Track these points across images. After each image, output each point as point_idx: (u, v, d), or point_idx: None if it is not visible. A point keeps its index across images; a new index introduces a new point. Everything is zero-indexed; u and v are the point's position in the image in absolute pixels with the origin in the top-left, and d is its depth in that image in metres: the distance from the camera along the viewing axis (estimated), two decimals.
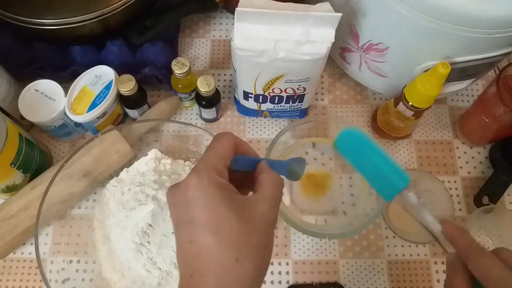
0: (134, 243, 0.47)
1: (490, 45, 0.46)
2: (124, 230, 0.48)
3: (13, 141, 0.48)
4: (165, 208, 0.49)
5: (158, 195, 0.49)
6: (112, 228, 0.50)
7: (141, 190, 0.50)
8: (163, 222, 0.48)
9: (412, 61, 0.50)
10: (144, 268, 0.47)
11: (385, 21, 0.48)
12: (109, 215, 0.51)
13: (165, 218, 0.48)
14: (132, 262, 0.48)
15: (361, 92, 0.64)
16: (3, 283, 0.52)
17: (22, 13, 0.52)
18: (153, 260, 0.47)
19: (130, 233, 0.48)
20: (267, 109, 0.59)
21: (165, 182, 0.52)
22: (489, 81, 0.54)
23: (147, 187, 0.51)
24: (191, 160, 0.57)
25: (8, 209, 0.50)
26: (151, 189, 0.50)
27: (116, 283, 0.49)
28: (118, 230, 0.49)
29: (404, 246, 0.55)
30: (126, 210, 0.49)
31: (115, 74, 0.54)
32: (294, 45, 0.45)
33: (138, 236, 0.47)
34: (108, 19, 0.54)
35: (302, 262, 0.54)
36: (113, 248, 0.49)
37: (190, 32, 0.68)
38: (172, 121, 0.60)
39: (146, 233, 0.47)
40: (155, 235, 0.47)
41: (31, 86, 0.54)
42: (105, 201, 0.52)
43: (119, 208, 0.50)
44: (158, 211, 0.48)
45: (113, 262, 0.49)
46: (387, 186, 0.37)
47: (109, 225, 0.50)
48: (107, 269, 0.49)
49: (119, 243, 0.49)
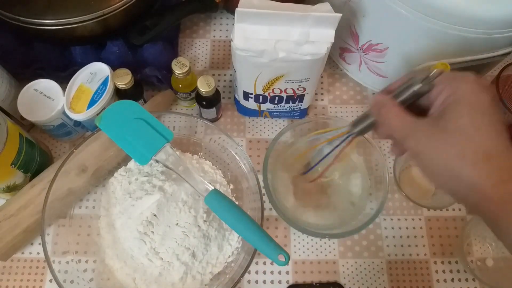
0: (138, 232, 0.47)
1: (490, 45, 0.46)
2: (129, 218, 0.49)
3: (13, 141, 0.48)
4: (170, 199, 0.49)
5: (165, 186, 0.50)
6: (118, 216, 0.50)
7: (148, 181, 0.51)
8: (168, 213, 0.48)
9: (412, 61, 0.50)
10: (146, 257, 0.48)
11: (384, 21, 0.48)
12: (115, 203, 0.51)
13: (170, 209, 0.48)
14: (135, 250, 0.48)
15: (361, 92, 0.64)
16: (3, 283, 0.52)
17: (22, 13, 0.52)
18: (155, 250, 0.48)
19: (134, 222, 0.48)
20: (267, 109, 0.59)
21: (172, 173, 0.52)
22: (488, 81, 0.55)
23: (154, 177, 0.51)
24: (198, 154, 0.57)
25: (8, 208, 0.50)
26: (158, 179, 0.50)
27: (118, 271, 0.49)
28: (123, 218, 0.50)
29: (404, 246, 0.55)
30: (132, 199, 0.50)
31: (110, 69, 0.55)
32: (294, 46, 0.45)
33: (143, 226, 0.47)
34: (109, 19, 0.54)
35: (302, 262, 0.54)
36: (117, 235, 0.50)
37: (190, 32, 0.69)
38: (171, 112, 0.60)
39: (150, 222, 0.48)
40: (159, 225, 0.48)
41: (30, 85, 0.54)
42: (112, 190, 0.53)
43: (126, 197, 0.51)
44: (164, 202, 0.48)
45: (117, 249, 0.50)
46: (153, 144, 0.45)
47: (115, 213, 0.51)
48: (109, 256, 0.50)
49: (124, 231, 0.49)
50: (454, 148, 0.30)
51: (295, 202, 0.54)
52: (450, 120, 0.30)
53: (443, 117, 0.31)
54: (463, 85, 0.31)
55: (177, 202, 0.49)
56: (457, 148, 0.29)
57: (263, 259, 0.54)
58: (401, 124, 0.33)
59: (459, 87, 0.31)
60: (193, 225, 0.48)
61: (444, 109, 0.31)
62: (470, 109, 0.30)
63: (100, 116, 0.45)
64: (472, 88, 0.31)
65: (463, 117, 0.30)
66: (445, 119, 0.31)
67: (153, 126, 0.46)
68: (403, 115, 0.33)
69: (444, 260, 0.54)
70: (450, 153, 0.30)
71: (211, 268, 0.50)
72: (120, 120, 0.45)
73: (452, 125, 0.30)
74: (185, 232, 0.48)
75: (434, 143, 0.31)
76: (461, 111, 0.30)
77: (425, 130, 0.31)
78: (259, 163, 0.59)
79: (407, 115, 0.33)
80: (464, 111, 0.30)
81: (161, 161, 0.46)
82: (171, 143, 0.46)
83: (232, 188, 0.55)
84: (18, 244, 0.51)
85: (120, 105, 0.47)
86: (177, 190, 0.49)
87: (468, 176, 0.29)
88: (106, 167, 0.54)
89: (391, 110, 0.34)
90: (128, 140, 0.45)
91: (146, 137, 0.45)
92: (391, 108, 0.34)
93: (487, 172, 0.29)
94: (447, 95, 0.32)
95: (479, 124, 0.29)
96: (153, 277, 0.48)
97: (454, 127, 0.30)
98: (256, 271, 0.53)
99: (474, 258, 0.54)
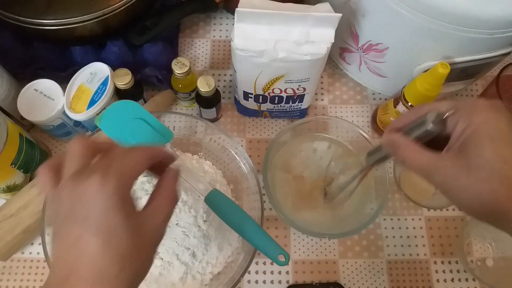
0: None
1: (490, 45, 0.46)
2: None
3: (13, 141, 0.48)
4: None
5: None
6: None
7: (148, 181, 0.50)
8: None
9: (412, 62, 0.50)
10: None
11: (384, 21, 0.48)
12: None
13: None
14: None
15: (361, 92, 0.64)
16: (3, 283, 0.52)
17: (22, 13, 0.52)
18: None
19: None
20: (267, 109, 0.59)
21: None
22: (488, 81, 0.55)
23: (154, 178, 0.51)
24: (198, 154, 0.57)
25: (8, 208, 0.50)
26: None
27: None
28: None
29: (404, 246, 0.55)
30: (132, 199, 0.49)
31: (110, 69, 0.55)
32: (294, 46, 0.45)
33: None
34: (109, 19, 0.54)
35: (302, 262, 0.54)
36: None
37: (190, 32, 0.69)
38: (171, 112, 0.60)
39: None
40: None
41: (30, 85, 0.54)
42: None
43: None
44: None
45: None
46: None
47: None
48: None
49: None
50: (486, 185, 0.29)
51: (295, 202, 0.54)
52: (474, 156, 0.29)
53: (466, 152, 0.30)
54: (476, 117, 0.30)
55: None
56: (489, 185, 0.29)
57: (263, 259, 0.54)
58: (422, 162, 0.32)
59: (473, 119, 0.30)
60: (193, 225, 0.48)
61: (463, 143, 0.30)
62: (491, 142, 0.29)
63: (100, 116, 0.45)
64: (486, 118, 0.29)
65: (486, 150, 0.29)
66: (468, 155, 0.30)
67: (153, 126, 0.45)
68: (422, 152, 0.32)
69: (444, 260, 0.54)
70: (482, 190, 0.29)
71: (211, 268, 0.50)
72: (120, 120, 0.45)
73: (477, 161, 0.29)
74: (185, 232, 0.48)
75: (463, 181, 0.30)
76: (482, 145, 0.29)
77: (450, 167, 0.30)
78: (259, 163, 0.59)
79: (426, 151, 0.32)
80: (485, 144, 0.29)
81: None
82: (171, 143, 0.46)
83: (232, 188, 0.55)
84: (18, 244, 0.51)
85: (120, 105, 0.47)
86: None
87: (503, 210, 0.28)
88: None
89: (408, 149, 0.33)
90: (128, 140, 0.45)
91: (146, 137, 0.45)
92: (407, 147, 0.33)
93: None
94: (463, 127, 0.30)
95: (505, 156, 0.28)
96: (153, 277, 0.48)
97: (481, 163, 0.29)
98: (256, 271, 0.53)
99: (474, 258, 0.54)
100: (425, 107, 0.33)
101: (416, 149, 0.33)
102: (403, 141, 0.34)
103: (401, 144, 0.34)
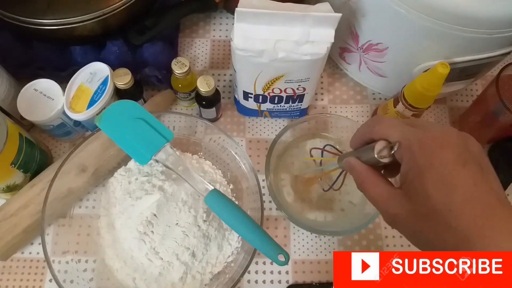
0: (138, 232, 0.47)
1: (490, 45, 0.46)
2: (129, 218, 0.49)
3: (13, 141, 0.48)
4: (170, 199, 0.49)
5: (165, 186, 0.50)
6: (117, 216, 0.50)
7: (148, 180, 0.51)
8: (168, 212, 0.48)
9: (412, 61, 0.50)
10: (146, 257, 0.48)
11: (384, 21, 0.48)
12: (115, 203, 0.51)
13: (170, 209, 0.48)
14: (135, 250, 0.48)
15: (361, 92, 0.64)
16: (3, 283, 0.52)
17: (22, 13, 0.52)
18: (155, 250, 0.48)
19: (134, 222, 0.48)
20: (267, 109, 0.59)
21: (171, 173, 0.52)
22: (488, 81, 0.55)
23: (154, 177, 0.51)
24: (198, 154, 0.57)
25: (8, 208, 0.50)
26: (158, 179, 0.50)
27: (118, 270, 0.49)
28: (123, 218, 0.50)
29: (404, 246, 0.55)
30: (132, 199, 0.50)
31: (110, 69, 0.55)
32: (293, 45, 0.45)
33: (142, 225, 0.47)
34: (108, 19, 0.54)
35: (302, 262, 0.54)
36: (117, 236, 0.50)
37: (190, 32, 0.68)
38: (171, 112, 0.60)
39: (150, 222, 0.48)
40: (159, 225, 0.48)
41: (30, 85, 0.54)
42: (112, 189, 0.53)
43: (125, 197, 0.51)
44: (164, 202, 0.48)
45: (116, 249, 0.50)
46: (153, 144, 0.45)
47: (115, 213, 0.51)
48: (109, 255, 0.50)
49: (123, 231, 0.49)
50: (432, 234, 0.29)
51: (296, 202, 0.54)
52: (420, 205, 0.29)
53: (412, 197, 0.30)
54: (420, 159, 0.29)
55: (177, 202, 0.49)
56: (436, 235, 0.29)
57: (263, 259, 0.54)
58: (374, 195, 0.33)
59: (417, 162, 0.29)
60: (193, 225, 0.48)
61: (409, 187, 0.30)
62: (436, 190, 0.28)
63: (100, 116, 0.46)
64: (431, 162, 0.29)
65: (431, 199, 0.28)
66: (414, 201, 0.30)
67: (153, 126, 0.46)
68: (375, 183, 0.33)
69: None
70: (429, 238, 0.30)
71: (211, 268, 0.50)
72: (120, 120, 0.45)
73: (423, 210, 0.29)
74: (185, 232, 0.48)
75: (411, 227, 0.31)
76: (427, 193, 0.29)
77: (399, 208, 0.31)
78: (259, 163, 0.59)
79: (379, 182, 0.33)
80: (430, 192, 0.28)
81: (161, 161, 0.46)
82: (171, 143, 0.46)
83: (232, 188, 0.55)
84: (18, 244, 0.51)
85: (120, 105, 0.47)
86: (177, 190, 0.49)
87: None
88: (106, 167, 0.54)
89: (362, 175, 0.34)
90: (128, 140, 0.45)
91: (146, 137, 0.45)
92: (362, 174, 0.34)
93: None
94: (407, 169, 0.30)
95: (449, 204, 0.28)
96: (153, 277, 0.48)
97: (426, 212, 0.29)
98: (256, 271, 0.53)
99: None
100: (376, 128, 0.33)
101: (370, 179, 0.33)
102: (359, 166, 0.34)
103: (356, 169, 0.34)
